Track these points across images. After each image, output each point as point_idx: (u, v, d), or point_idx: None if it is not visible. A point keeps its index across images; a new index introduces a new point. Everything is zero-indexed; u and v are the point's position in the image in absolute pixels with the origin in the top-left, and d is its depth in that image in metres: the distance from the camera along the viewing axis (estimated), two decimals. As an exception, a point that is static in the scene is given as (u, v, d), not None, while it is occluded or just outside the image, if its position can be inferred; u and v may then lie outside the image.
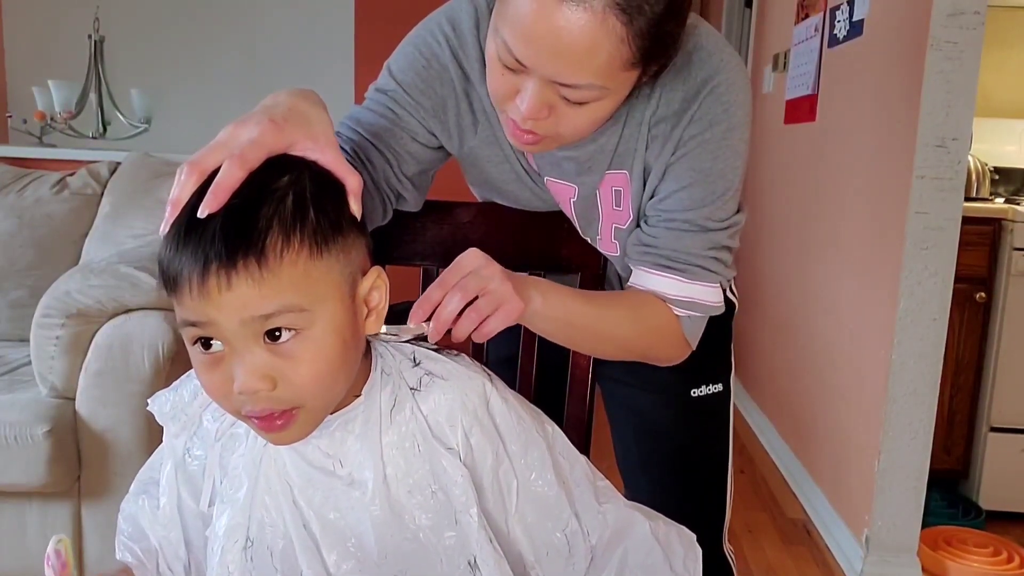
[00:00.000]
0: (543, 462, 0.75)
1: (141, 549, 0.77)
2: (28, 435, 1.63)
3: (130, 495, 0.80)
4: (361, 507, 0.71)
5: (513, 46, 0.74)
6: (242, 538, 0.73)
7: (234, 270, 0.61)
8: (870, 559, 2.06)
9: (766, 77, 3.39)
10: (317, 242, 0.64)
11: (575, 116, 0.78)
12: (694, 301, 0.90)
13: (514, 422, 0.74)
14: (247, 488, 0.73)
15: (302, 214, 0.64)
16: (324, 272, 0.65)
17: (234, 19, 3.94)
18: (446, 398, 0.72)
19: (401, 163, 0.92)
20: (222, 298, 0.61)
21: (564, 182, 0.95)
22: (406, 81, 0.91)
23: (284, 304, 0.62)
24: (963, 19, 1.85)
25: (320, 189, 0.66)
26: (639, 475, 1.13)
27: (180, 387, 0.77)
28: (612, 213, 0.95)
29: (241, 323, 0.62)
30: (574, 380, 0.98)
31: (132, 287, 1.69)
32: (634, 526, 0.80)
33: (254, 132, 0.65)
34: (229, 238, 0.61)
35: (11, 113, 3.17)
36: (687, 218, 0.87)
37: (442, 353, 0.77)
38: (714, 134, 0.86)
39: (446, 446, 0.72)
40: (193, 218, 0.62)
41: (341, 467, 0.71)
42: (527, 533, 0.75)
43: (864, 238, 2.25)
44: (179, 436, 0.77)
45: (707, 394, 1.09)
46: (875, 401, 2.08)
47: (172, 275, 0.63)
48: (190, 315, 0.63)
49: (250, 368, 0.63)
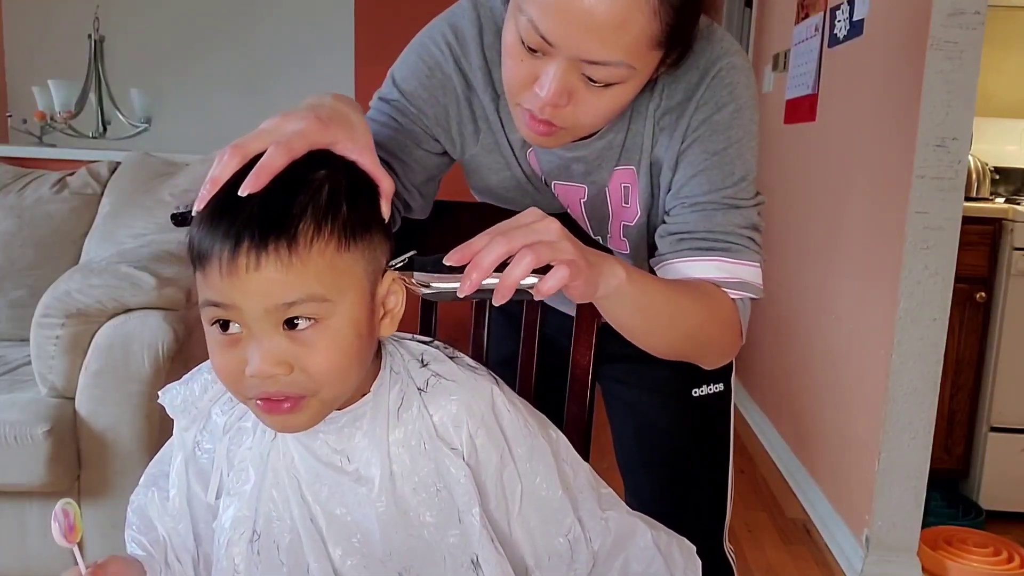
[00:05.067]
0: (548, 467, 0.75)
1: (149, 540, 0.78)
2: (28, 435, 1.63)
3: (140, 487, 0.81)
4: (367, 503, 0.71)
5: (540, 23, 0.73)
6: (248, 531, 0.73)
7: (264, 251, 0.62)
8: (870, 559, 2.06)
9: (766, 77, 3.39)
10: (346, 235, 0.65)
11: (595, 101, 0.77)
12: (743, 281, 0.85)
13: (520, 426, 0.75)
14: (254, 482, 0.73)
15: (335, 206, 0.65)
16: (350, 265, 0.66)
17: (234, 19, 3.94)
18: (453, 400, 0.73)
19: (408, 172, 0.92)
20: (249, 278, 0.62)
21: (573, 184, 0.95)
22: (409, 90, 0.91)
23: (309, 293, 0.63)
24: (963, 19, 1.85)
25: (354, 187, 0.68)
26: (640, 475, 1.13)
27: (191, 380, 0.78)
28: (621, 210, 0.95)
29: (265, 311, 0.63)
30: (574, 380, 0.98)
31: (132, 287, 1.69)
32: (636, 534, 0.80)
33: (300, 124, 0.67)
34: (263, 220, 0.62)
35: (11, 113, 3.17)
36: (711, 199, 0.85)
37: (447, 355, 0.77)
38: (723, 116, 0.85)
39: (450, 446, 0.72)
40: (230, 198, 0.63)
41: (349, 463, 0.72)
42: (529, 537, 0.75)
43: (864, 238, 2.25)
44: (189, 429, 0.78)
45: (708, 394, 1.09)
46: (875, 401, 2.08)
47: (202, 251, 0.64)
48: (214, 295, 0.64)
49: (267, 353, 0.64)
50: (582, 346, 0.96)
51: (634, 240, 0.97)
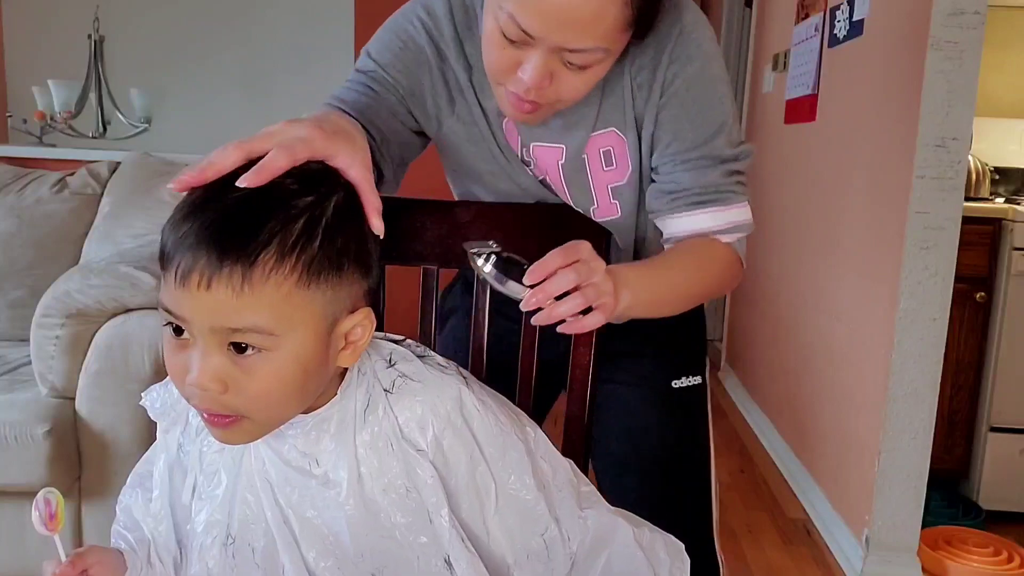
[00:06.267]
0: (521, 465, 0.75)
1: (135, 538, 0.78)
2: (28, 435, 1.63)
3: (126, 487, 0.81)
4: (336, 506, 0.71)
5: (521, 18, 0.78)
6: (222, 534, 0.73)
7: (219, 273, 0.61)
8: (870, 559, 2.06)
9: (766, 77, 3.39)
10: (310, 272, 0.63)
11: (575, 80, 0.84)
12: (736, 224, 0.95)
13: (491, 424, 0.74)
14: (227, 485, 0.73)
15: (308, 239, 0.63)
16: (305, 303, 0.64)
17: (234, 19, 3.94)
18: (417, 401, 0.72)
19: (383, 141, 0.93)
20: (200, 295, 0.61)
21: (551, 144, 0.98)
22: (383, 61, 0.95)
23: (255, 324, 0.63)
24: (963, 19, 1.85)
25: (339, 220, 0.66)
26: (623, 475, 1.12)
27: (170, 383, 0.77)
28: (604, 174, 0.99)
29: (211, 330, 0.63)
30: (574, 380, 0.98)
31: (132, 287, 1.69)
32: (617, 532, 0.80)
33: (304, 132, 0.69)
34: (225, 238, 0.61)
35: (11, 113, 3.17)
36: (700, 154, 0.92)
37: (417, 354, 0.76)
38: (694, 68, 0.91)
39: (416, 448, 0.72)
40: (206, 200, 0.63)
41: (317, 466, 0.72)
42: (508, 535, 0.75)
43: (864, 238, 2.25)
44: (170, 431, 0.78)
45: (688, 386, 1.11)
46: (875, 401, 2.08)
47: (164, 253, 0.64)
48: (168, 302, 0.64)
49: (206, 368, 0.64)
50: (582, 346, 0.96)
51: (627, 199, 1.00)
